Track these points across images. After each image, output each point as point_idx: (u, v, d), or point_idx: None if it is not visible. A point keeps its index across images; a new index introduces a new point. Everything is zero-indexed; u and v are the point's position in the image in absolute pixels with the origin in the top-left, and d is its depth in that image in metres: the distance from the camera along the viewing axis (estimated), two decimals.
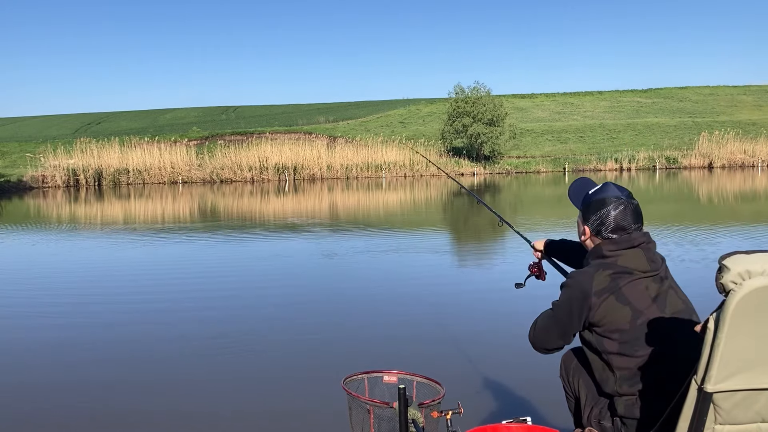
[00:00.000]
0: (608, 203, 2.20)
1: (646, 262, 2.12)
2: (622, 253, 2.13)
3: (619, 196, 2.21)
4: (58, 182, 29.18)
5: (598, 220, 2.21)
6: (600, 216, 2.21)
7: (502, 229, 15.58)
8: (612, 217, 2.18)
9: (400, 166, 33.55)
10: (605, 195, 2.24)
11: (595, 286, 2.10)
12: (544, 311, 2.35)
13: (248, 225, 15.37)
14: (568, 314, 2.17)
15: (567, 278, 2.26)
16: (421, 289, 7.59)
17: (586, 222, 2.27)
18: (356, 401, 2.66)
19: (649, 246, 2.16)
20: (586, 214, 2.28)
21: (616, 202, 2.20)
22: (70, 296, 7.64)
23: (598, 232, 2.22)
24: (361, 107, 55.45)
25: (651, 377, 2.05)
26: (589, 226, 2.25)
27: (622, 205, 2.19)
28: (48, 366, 5.08)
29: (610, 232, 2.18)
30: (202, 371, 4.85)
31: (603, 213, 2.20)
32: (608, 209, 2.19)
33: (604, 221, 2.20)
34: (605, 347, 2.12)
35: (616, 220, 2.18)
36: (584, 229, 2.29)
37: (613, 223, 2.18)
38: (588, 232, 2.27)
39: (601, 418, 2.23)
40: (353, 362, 4.21)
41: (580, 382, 2.40)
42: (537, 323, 2.37)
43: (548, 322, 2.29)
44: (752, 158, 36.37)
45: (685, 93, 55.38)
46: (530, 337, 2.40)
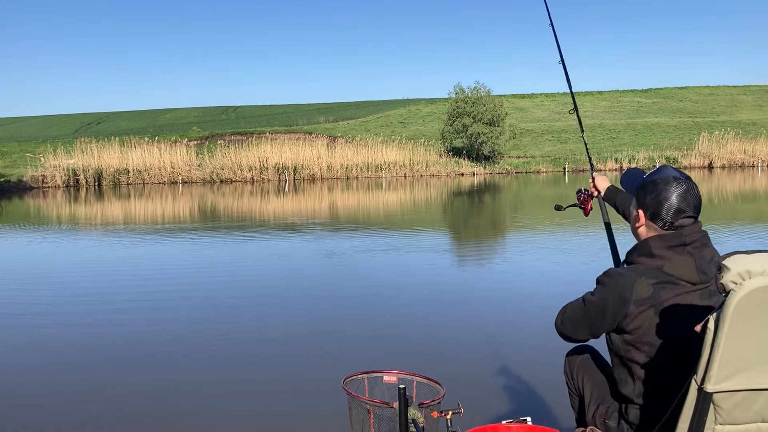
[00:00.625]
0: (668, 182, 2.01)
1: (695, 273, 1.94)
2: (671, 256, 1.95)
3: (678, 176, 2.03)
4: (58, 182, 29.17)
5: (655, 201, 2.01)
6: (658, 196, 2.00)
7: (503, 229, 15.59)
8: (672, 197, 1.98)
9: (400, 166, 33.55)
10: (664, 174, 2.05)
11: (635, 294, 1.95)
12: (575, 301, 2.18)
13: (248, 225, 15.37)
14: (601, 315, 2.04)
15: (606, 275, 2.07)
16: (421, 289, 7.59)
17: (641, 205, 2.07)
18: (356, 401, 2.66)
19: (702, 252, 1.96)
20: (641, 197, 2.07)
21: (676, 182, 2.00)
22: (70, 296, 7.64)
23: (655, 215, 2.01)
24: (361, 107, 55.45)
25: (670, 388, 1.96)
26: (644, 210, 2.05)
27: (683, 185, 1.99)
28: (48, 366, 5.08)
29: (669, 215, 1.98)
30: (201, 371, 4.85)
31: (661, 193, 2.00)
32: (667, 189, 2.00)
33: (662, 202, 1.99)
34: (632, 356, 2.02)
35: (676, 201, 1.97)
36: (638, 214, 2.08)
37: (674, 204, 1.97)
38: (642, 216, 2.06)
39: (606, 417, 2.19)
40: (353, 362, 4.21)
41: (584, 380, 2.37)
42: (566, 313, 2.20)
43: (579, 315, 2.14)
44: (752, 158, 36.37)
45: (685, 93, 55.38)
46: (557, 325, 2.24)
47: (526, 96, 56.39)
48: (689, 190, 1.99)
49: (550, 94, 57.40)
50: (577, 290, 2.37)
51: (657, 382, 2.00)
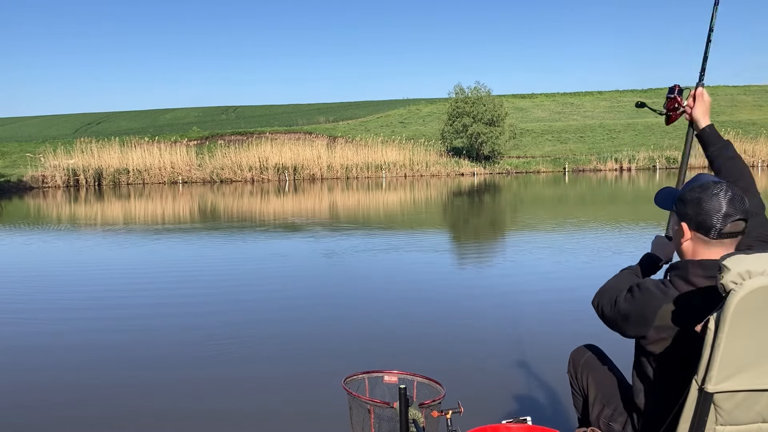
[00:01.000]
0: (709, 188, 1.86)
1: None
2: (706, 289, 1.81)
3: (718, 180, 1.89)
4: (58, 182, 29.19)
5: (698, 209, 1.86)
6: (701, 204, 1.85)
7: (503, 229, 15.58)
8: (715, 203, 1.83)
9: (400, 166, 33.57)
10: (704, 181, 1.90)
11: (657, 320, 1.86)
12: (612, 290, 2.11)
13: (248, 225, 15.37)
14: (625, 324, 1.99)
15: (639, 287, 1.95)
16: (422, 289, 7.59)
17: (684, 217, 1.91)
18: (357, 401, 2.66)
19: None
20: (682, 209, 1.92)
21: (717, 186, 1.86)
22: (69, 296, 7.64)
23: (701, 225, 1.85)
24: (361, 107, 55.47)
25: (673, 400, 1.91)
26: (688, 222, 1.89)
27: (725, 189, 1.84)
28: (48, 366, 5.08)
29: (716, 221, 1.83)
30: (200, 371, 4.85)
31: (704, 200, 1.84)
32: (709, 194, 1.84)
33: (707, 209, 1.84)
34: (648, 373, 1.98)
35: (720, 205, 1.82)
36: (682, 228, 1.91)
37: (719, 210, 1.82)
38: (687, 230, 1.90)
39: (611, 420, 2.17)
40: (353, 362, 4.21)
41: (589, 380, 2.35)
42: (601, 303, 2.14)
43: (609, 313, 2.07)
44: (752, 158, 36.40)
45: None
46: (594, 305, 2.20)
47: (526, 96, 56.40)
48: (732, 192, 1.86)
49: (550, 94, 57.42)
50: (578, 290, 2.38)
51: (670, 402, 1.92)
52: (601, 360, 2.42)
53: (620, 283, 2.17)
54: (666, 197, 2.10)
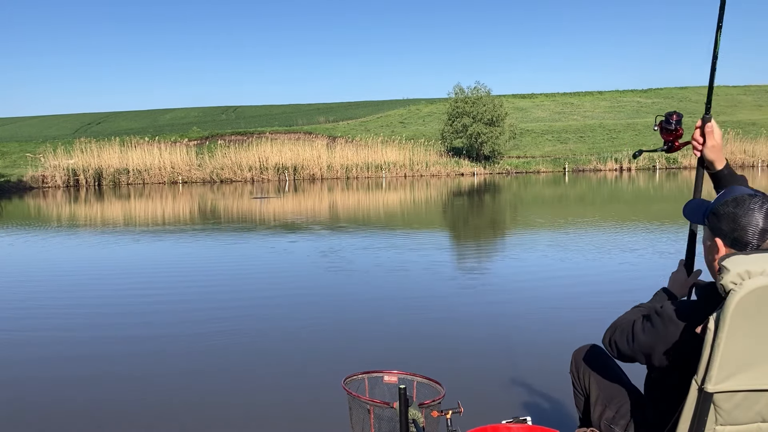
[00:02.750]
0: (744, 201, 1.75)
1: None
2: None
3: (754, 193, 1.77)
4: (58, 182, 29.20)
5: (733, 224, 1.74)
6: (736, 220, 1.74)
7: (503, 229, 15.55)
8: (752, 217, 1.72)
9: (400, 166, 33.58)
10: (738, 194, 1.79)
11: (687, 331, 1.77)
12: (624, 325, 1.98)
13: (248, 225, 15.37)
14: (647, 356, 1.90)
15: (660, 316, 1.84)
16: (422, 289, 7.59)
17: (718, 233, 1.79)
18: (356, 401, 2.66)
19: None
20: (715, 224, 1.80)
21: (753, 200, 1.74)
22: (69, 296, 7.65)
23: (737, 241, 1.74)
24: (361, 107, 55.50)
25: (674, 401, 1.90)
26: (723, 238, 1.78)
27: (763, 203, 1.74)
28: (48, 365, 5.08)
29: (753, 237, 1.72)
30: (200, 371, 4.85)
31: (740, 215, 1.74)
32: (745, 208, 1.74)
33: (742, 224, 1.72)
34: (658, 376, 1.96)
35: (758, 222, 1.71)
36: (716, 244, 1.80)
37: (755, 225, 1.71)
38: (722, 246, 1.78)
39: (612, 422, 2.17)
40: (353, 362, 4.21)
41: (591, 381, 2.34)
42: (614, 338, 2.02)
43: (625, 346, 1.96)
44: (752, 158, 36.42)
45: (685, 93, 55.41)
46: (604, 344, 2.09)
47: (526, 96, 56.43)
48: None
49: (550, 94, 57.45)
50: (579, 290, 2.37)
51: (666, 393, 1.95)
52: (603, 360, 2.42)
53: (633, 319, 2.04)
54: (695, 210, 1.96)
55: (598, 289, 7.09)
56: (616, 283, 7.37)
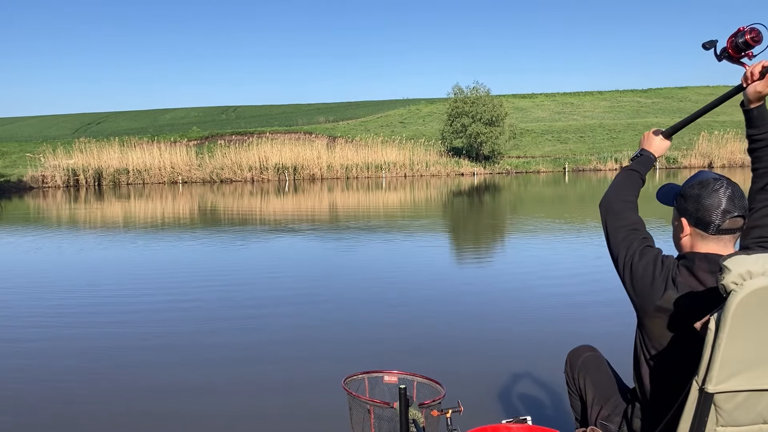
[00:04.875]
0: (707, 185, 1.89)
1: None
2: (709, 283, 1.84)
3: (719, 177, 1.91)
4: (58, 182, 29.19)
5: (697, 204, 1.89)
6: (700, 201, 1.88)
7: (503, 229, 15.49)
8: (715, 199, 1.86)
9: (400, 166, 33.58)
10: (704, 177, 1.93)
11: (662, 300, 1.88)
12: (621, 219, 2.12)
13: (248, 225, 15.37)
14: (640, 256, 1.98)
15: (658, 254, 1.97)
16: (422, 289, 7.59)
17: (684, 213, 1.94)
18: (357, 401, 2.66)
19: None
20: (682, 204, 1.95)
21: (716, 182, 1.89)
22: (69, 296, 7.64)
23: (700, 221, 1.89)
24: (361, 107, 55.49)
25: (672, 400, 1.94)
26: (688, 218, 1.93)
27: (724, 185, 1.87)
28: (46, 365, 5.08)
29: (715, 216, 1.86)
30: (200, 372, 4.85)
31: (704, 196, 1.88)
32: (709, 190, 1.88)
33: (706, 206, 1.87)
34: (638, 349, 2.01)
35: (720, 201, 1.85)
36: (681, 223, 1.96)
37: (718, 206, 1.85)
38: (687, 226, 1.93)
39: (607, 420, 2.19)
40: (353, 362, 4.21)
41: (586, 381, 2.36)
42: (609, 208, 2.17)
43: (617, 229, 2.11)
44: None
45: (685, 93, 55.44)
46: (601, 205, 2.22)
47: (526, 96, 56.44)
48: (732, 188, 1.88)
49: (550, 94, 57.46)
50: (578, 290, 2.37)
51: (665, 400, 1.96)
52: (598, 361, 2.43)
53: (625, 194, 2.19)
54: (667, 193, 2.11)
55: (598, 288, 7.09)
56: (615, 282, 7.37)
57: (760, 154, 2.14)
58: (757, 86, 1.99)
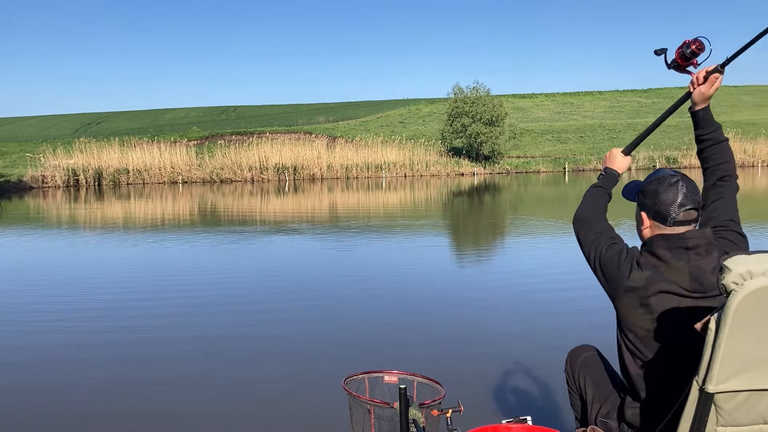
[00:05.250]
0: (664, 181, 2.08)
1: (688, 281, 1.97)
2: (670, 260, 1.99)
3: (674, 174, 2.11)
4: (58, 182, 29.19)
5: (655, 199, 2.07)
6: (657, 195, 2.07)
7: (503, 229, 15.47)
8: (671, 193, 2.05)
9: (400, 166, 33.57)
10: (660, 175, 2.13)
11: (630, 280, 2.04)
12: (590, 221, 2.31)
13: (248, 225, 15.37)
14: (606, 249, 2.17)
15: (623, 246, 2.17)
16: (422, 289, 7.59)
17: (643, 207, 2.13)
18: (357, 401, 2.66)
19: (702, 262, 1.97)
20: (642, 200, 2.14)
21: (672, 178, 2.08)
22: (69, 296, 7.64)
23: (658, 215, 2.06)
24: (361, 107, 55.48)
25: (659, 386, 2.02)
26: (647, 212, 2.11)
27: (680, 181, 2.06)
28: (48, 366, 5.08)
29: (671, 209, 2.03)
30: (200, 372, 4.85)
31: (660, 192, 2.06)
32: (664, 186, 2.07)
33: (663, 199, 2.05)
34: (620, 340, 2.11)
35: (675, 195, 2.04)
36: (641, 217, 2.14)
37: (673, 200, 2.04)
38: (646, 219, 2.11)
39: (607, 417, 2.21)
40: (354, 362, 4.21)
41: (586, 380, 2.37)
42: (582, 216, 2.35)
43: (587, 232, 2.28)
44: (752, 158, 36.43)
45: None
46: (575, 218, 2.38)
47: (526, 96, 56.43)
48: (687, 184, 2.07)
49: (550, 94, 57.46)
50: (578, 290, 2.38)
51: (644, 373, 2.05)
52: (598, 360, 2.45)
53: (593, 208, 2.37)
54: (631, 190, 2.28)
55: (598, 288, 7.08)
56: None
57: (707, 154, 2.33)
58: (701, 89, 2.23)
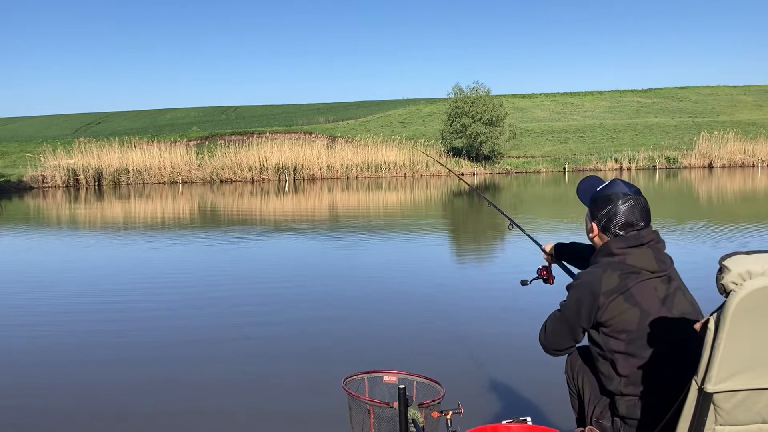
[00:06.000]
0: (616, 199, 2.18)
1: (654, 262, 2.09)
2: (631, 251, 2.10)
3: (627, 192, 2.19)
4: (58, 182, 29.17)
5: (605, 217, 2.19)
6: (608, 212, 2.18)
7: (503, 228, 15.56)
8: (620, 213, 2.15)
9: (400, 166, 33.56)
10: (613, 191, 2.21)
11: (603, 287, 2.08)
12: (553, 313, 2.31)
13: (248, 225, 15.37)
14: (576, 314, 2.16)
15: (575, 278, 2.23)
16: (422, 289, 7.59)
17: (594, 219, 2.24)
18: (356, 401, 2.66)
19: (658, 245, 2.13)
20: (594, 211, 2.25)
21: (624, 198, 2.17)
22: (69, 296, 7.64)
23: (606, 229, 2.19)
24: (361, 107, 55.45)
25: (654, 379, 2.03)
26: (597, 223, 2.23)
27: (630, 201, 2.16)
28: (48, 367, 5.08)
29: (618, 228, 2.16)
30: (201, 372, 4.85)
31: (611, 209, 2.17)
32: (616, 205, 2.17)
33: (611, 217, 2.17)
34: (611, 346, 2.10)
35: (624, 216, 2.15)
36: (592, 227, 2.26)
37: (622, 219, 2.15)
38: (596, 229, 2.24)
39: (600, 417, 2.23)
40: (353, 362, 4.21)
41: (584, 381, 2.39)
42: (546, 326, 2.33)
43: (557, 324, 2.27)
44: (752, 158, 36.42)
45: (685, 93, 55.41)
46: (541, 340, 2.35)
47: (526, 96, 56.40)
48: (636, 205, 2.16)
49: (550, 94, 57.44)
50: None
51: (638, 368, 2.06)
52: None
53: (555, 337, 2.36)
54: (585, 192, 2.39)
55: None
56: None
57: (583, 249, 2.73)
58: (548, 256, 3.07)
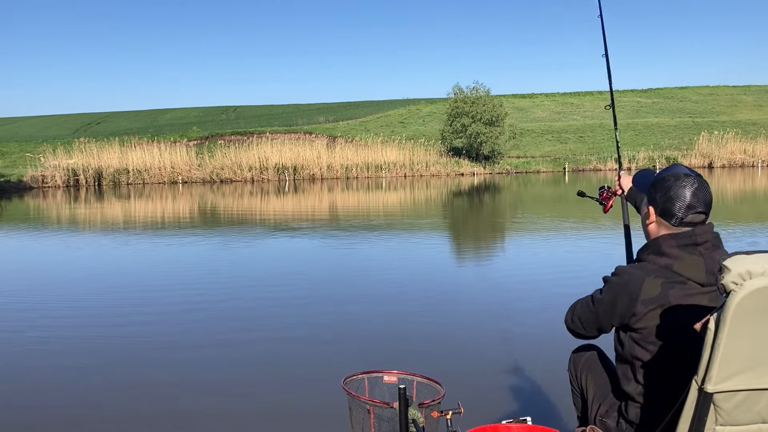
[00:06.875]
0: (678, 178, 2.02)
1: (704, 274, 1.93)
2: (681, 255, 1.95)
3: (689, 173, 2.04)
4: (58, 182, 29.17)
5: (665, 197, 2.01)
6: (668, 193, 2.00)
7: (503, 229, 15.53)
8: (682, 193, 1.98)
9: (400, 166, 33.55)
10: (676, 171, 2.06)
11: (643, 293, 1.96)
12: (585, 299, 2.21)
13: (248, 225, 15.37)
14: (609, 314, 2.08)
15: (615, 273, 2.09)
16: (422, 289, 7.59)
17: (652, 202, 2.07)
18: (356, 401, 2.66)
19: (713, 254, 1.95)
20: (652, 194, 2.08)
21: (687, 178, 2.01)
22: (69, 297, 7.64)
23: (665, 212, 2.01)
24: (361, 107, 55.43)
25: (671, 389, 1.98)
26: (655, 207, 2.05)
27: (694, 182, 2.00)
28: (47, 368, 5.08)
29: (679, 210, 1.98)
30: (201, 372, 4.85)
31: (672, 189, 2.00)
32: (678, 184, 2.00)
33: (672, 197, 1.99)
34: (636, 353, 2.03)
35: (685, 198, 1.97)
36: (648, 211, 2.08)
37: (683, 200, 1.97)
38: (653, 213, 2.06)
39: (605, 416, 2.21)
40: (353, 362, 4.20)
41: (588, 380, 2.37)
42: (575, 311, 2.23)
43: (587, 313, 2.17)
44: (752, 158, 36.41)
45: (685, 93, 55.38)
46: (567, 323, 2.27)
47: (526, 96, 56.39)
48: (700, 186, 2.00)
49: (550, 94, 57.42)
50: (579, 291, 2.38)
51: (659, 382, 2.00)
52: (600, 360, 2.45)
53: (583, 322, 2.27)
54: (643, 180, 2.35)
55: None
56: None
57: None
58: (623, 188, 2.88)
